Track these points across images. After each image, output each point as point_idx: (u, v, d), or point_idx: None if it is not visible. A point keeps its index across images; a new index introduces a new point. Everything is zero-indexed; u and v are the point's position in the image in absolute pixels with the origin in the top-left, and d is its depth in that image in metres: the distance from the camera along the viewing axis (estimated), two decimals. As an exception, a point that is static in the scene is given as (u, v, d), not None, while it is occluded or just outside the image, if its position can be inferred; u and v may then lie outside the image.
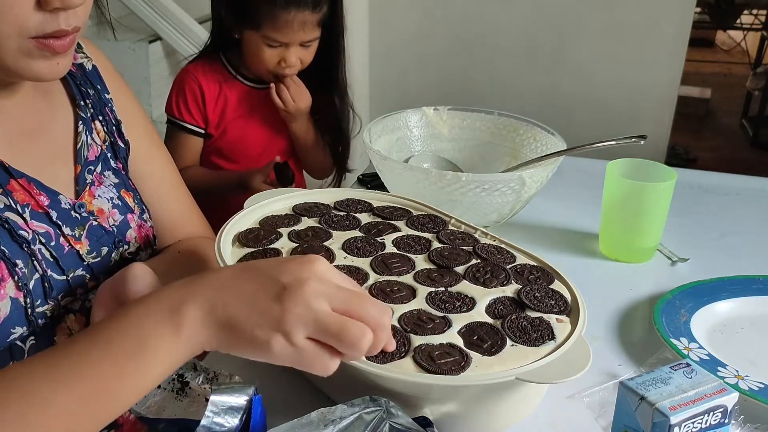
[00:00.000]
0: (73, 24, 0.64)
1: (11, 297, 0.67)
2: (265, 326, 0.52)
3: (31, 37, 0.62)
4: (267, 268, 0.55)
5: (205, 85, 1.38)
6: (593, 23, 2.41)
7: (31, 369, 0.52)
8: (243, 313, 0.52)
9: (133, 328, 0.52)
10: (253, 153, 1.44)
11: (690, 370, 0.57)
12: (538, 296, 0.70)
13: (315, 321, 0.52)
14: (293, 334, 0.51)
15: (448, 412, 0.62)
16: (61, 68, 0.66)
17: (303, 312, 0.51)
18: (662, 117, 2.46)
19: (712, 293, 0.87)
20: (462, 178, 0.94)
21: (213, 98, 1.39)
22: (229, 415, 0.57)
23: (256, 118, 1.42)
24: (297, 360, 0.52)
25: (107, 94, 0.84)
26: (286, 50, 1.31)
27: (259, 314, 0.52)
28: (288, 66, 1.32)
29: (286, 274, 0.53)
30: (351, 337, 0.52)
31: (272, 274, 0.54)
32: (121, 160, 0.84)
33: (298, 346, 0.52)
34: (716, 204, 1.18)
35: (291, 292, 0.52)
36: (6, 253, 0.66)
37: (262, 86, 1.41)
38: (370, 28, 2.37)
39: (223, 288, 0.54)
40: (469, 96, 2.54)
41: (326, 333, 0.52)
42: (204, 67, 1.40)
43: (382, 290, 0.71)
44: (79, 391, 0.50)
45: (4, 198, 0.68)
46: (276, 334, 0.51)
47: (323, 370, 0.53)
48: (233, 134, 1.42)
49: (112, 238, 0.78)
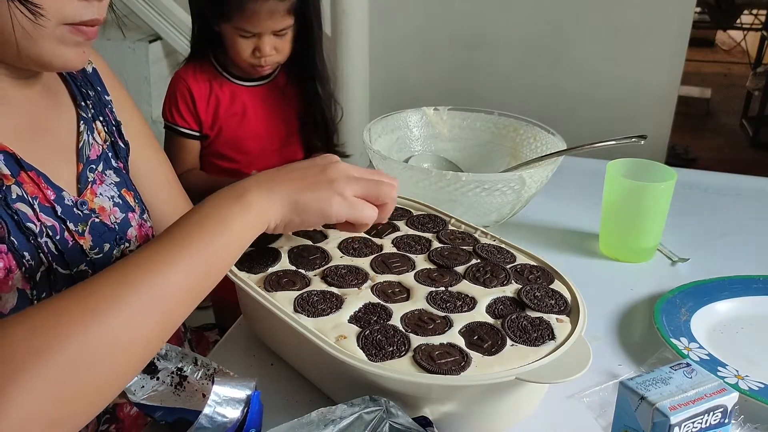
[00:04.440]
0: (102, 14, 0.69)
1: (18, 288, 0.67)
2: (323, 190, 0.67)
3: (66, 24, 0.66)
4: (300, 163, 0.71)
5: (195, 88, 1.39)
6: (593, 23, 2.41)
7: (147, 258, 0.57)
8: (300, 187, 0.67)
9: (214, 212, 0.62)
10: (251, 151, 1.45)
11: (690, 370, 0.57)
12: (538, 296, 0.70)
13: (357, 182, 0.69)
14: (345, 192, 0.68)
15: (448, 412, 0.62)
16: (86, 57, 0.71)
17: (346, 177, 0.69)
18: (662, 117, 2.47)
19: (712, 293, 0.87)
20: (462, 178, 0.94)
21: (204, 99, 1.40)
22: (231, 407, 0.58)
23: (250, 115, 1.43)
24: (352, 211, 0.69)
25: (107, 96, 0.85)
26: (260, 40, 1.32)
27: (313, 184, 0.67)
28: (263, 56, 1.33)
29: (318, 160, 0.71)
30: (385, 191, 0.70)
31: (307, 163, 0.71)
32: (122, 160, 0.85)
33: (351, 201, 0.69)
34: (716, 204, 1.18)
35: (331, 167, 0.69)
36: (15, 244, 0.67)
37: (252, 83, 1.42)
38: (370, 28, 2.37)
39: (274, 176, 0.68)
40: (469, 96, 2.54)
41: (367, 189, 0.70)
42: (194, 69, 1.41)
43: (383, 291, 0.71)
44: (184, 268, 0.58)
45: (17, 188, 0.69)
46: (333, 194, 0.67)
47: (371, 216, 0.70)
48: (229, 133, 1.43)
49: (114, 234, 0.79)
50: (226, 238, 0.61)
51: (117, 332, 0.52)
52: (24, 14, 0.62)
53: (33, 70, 0.72)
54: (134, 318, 0.54)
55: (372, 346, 0.62)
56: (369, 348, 0.62)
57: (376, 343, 0.62)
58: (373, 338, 0.63)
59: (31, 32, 0.64)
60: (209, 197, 0.65)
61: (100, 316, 0.52)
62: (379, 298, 0.70)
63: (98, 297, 0.53)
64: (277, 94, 1.46)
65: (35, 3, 0.62)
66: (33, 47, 0.65)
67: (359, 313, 0.67)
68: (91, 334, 0.51)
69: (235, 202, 0.63)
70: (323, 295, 0.69)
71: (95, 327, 0.51)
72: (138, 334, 0.54)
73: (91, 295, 0.53)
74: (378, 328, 0.64)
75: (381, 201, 0.71)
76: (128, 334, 0.53)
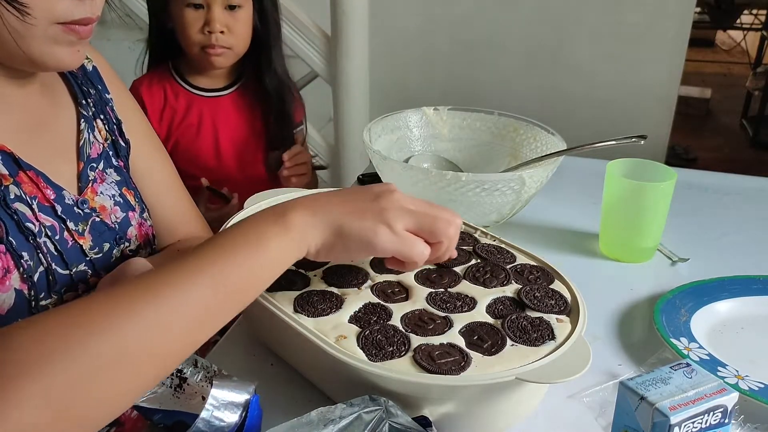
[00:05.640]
0: (96, 13, 0.68)
1: (16, 289, 0.67)
2: (370, 219, 0.61)
3: (58, 23, 0.65)
4: (353, 188, 0.66)
5: (147, 100, 1.32)
6: (593, 23, 2.41)
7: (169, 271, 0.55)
8: (346, 212, 0.61)
9: (250, 232, 0.59)
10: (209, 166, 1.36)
11: (690, 370, 0.57)
12: (538, 296, 0.70)
13: (410, 214, 0.62)
14: (395, 224, 0.61)
15: (448, 412, 0.62)
16: (80, 56, 0.70)
17: (399, 208, 0.62)
18: (662, 117, 2.46)
19: (712, 293, 0.87)
20: (462, 178, 0.94)
21: (157, 112, 1.33)
22: (229, 411, 0.58)
23: (207, 127, 1.35)
24: (399, 246, 0.62)
25: (107, 94, 0.85)
26: (209, 13, 1.24)
27: (361, 212, 0.62)
28: (212, 31, 1.24)
29: (374, 187, 0.65)
30: (440, 228, 0.63)
31: (361, 189, 0.65)
32: (123, 159, 0.85)
33: (400, 234, 0.62)
34: (716, 204, 1.18)
35: (384, 197, 0.63)
36: (13, 244, 0.67)
37: (210, 93, 1.35)
38: (370, 28, 2.37)
39: (321, 198, 0.63)
40: (470, 96, 2.54)
41: (420, 224, 0.63)
42: (150, 79, 1.34)
43: (383, 291, 0.71)
44: (210, 282, 0.55)
45: (15, 188, 0.69)
46: (381, 225, 0.61)
47: (420, 254, 0.63)
48: (184, 146, 1.35)
49: (114, 234, 0.79)
50: (259, 259, 0.58)
51: (127, 345, 0.50)
52: (12, 13, 0.62)
53: (28, 70, 0.71)
54: (146, 332, 0.51)
55: (372, 346, 0.62)
56: (369, 348, 0.62)
57: (376, 343, 0.62)
58: (373, 338, 0.63)
59: (21, 32, 0.64)
60: (251, 215, 0.62)
61: (110, 327, 0.50)
62: (379, 298, 0.70)
63: (112, 307, 0.51)
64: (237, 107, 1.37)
65: (23, 2, 0.62)
66: (25, 47, 0.65)
67: (359, 313, 0.67)
68: (99, 344, 0.48)
69: (274, 221, 0.60)
70: (323, 295, 0.69)
71: (104, 337, 0.49)
72: (150, 348, 0.51)
73: (106, 305, 0.51)
74: (378, 328, 0.64)
75: (435, 238, 0.64)
76: (139, 348, 0.50)
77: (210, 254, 0.56)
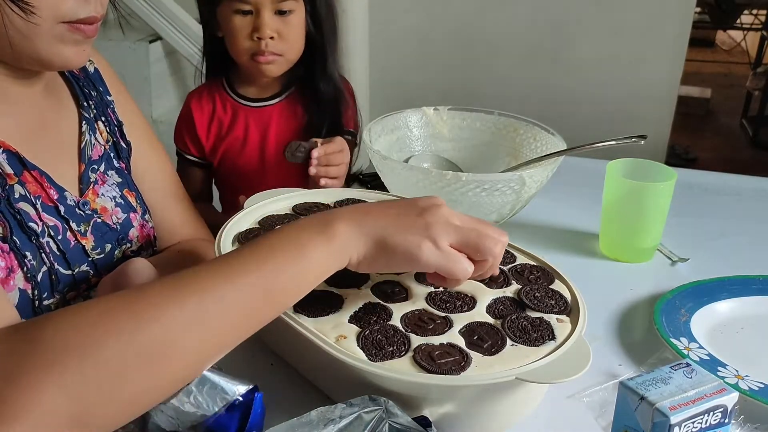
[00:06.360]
0: (101, 11, 0.68)
1: (20, 288, 0.67)
2: (415, 234, 0.60)
3: (64, 22, 0.65)
4: (400, 201, 0.65)
5: (196, 112, 1.27)
6: (593, 23, 2.41)
7: (205, 271, 0.55)
8: (391, 225, 0.61)
9: (292, 237, 0.59)
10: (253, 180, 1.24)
11: (690, 370, 0.57)
12: (538, 296, 0.70)
13: (456, 230, 0.62)
14: (440, 240, 0.60)
15: (448, 412, 0.62)
16: (86, 55, 0.70)
17: (445, 223, 0.61)
18: (662, 117, 2.47)
19: (712, 293, 0.87)
20: (462, 178, 0.94)
21: (204, 124, 1.27)
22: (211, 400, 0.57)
23: (253, 138, 1.27)
24: (444, 262, 0.61)
25: (109, 96, 0.85)
26: (258, 18, 1.16)
27: (407, 226, 0.61)
28: (262, 37, 1.16)
29: (421, 201, 0.64)
30: (487, 246, 0.62)
31: (407, 202, 0.65)
32: (124, 160, 0.85)
33: (445, 250, 0.61)
34: (716, 204, 1.18)
35: (431, 211, 0.62)
36: (17, 243, 0.67)
37: (257, 103, 1.28)
38: (370, 27, 2.37)
39: (367, 211, 0.63)
40: (470, 96, 2.54)
41: (466, 241, 0.62)
42: (202, 91, 1.28)
43: (383, 291, 0.71)
44: (248, 288, 0.55)
45: (20, 188, 0.69)
46: (425, 240, 0.60)
47: (464, 271, 0.62)
48: (231, 159, 1.28)
49: (116, 235, 0.79)
50: (300, 266, 0.58)
51: (156, 342, 0.50)
52: (16, 12, 0.62)
53: (34, 69, 0.72)
54: (176, 330, 0.51)
55: (372, 346, 0.62)
56: (369, 348, 0.62)
57: (376, 343, 0.62)
58: (373, 338, 0.63)
59: (26, 31, 0.64)
60: (291, 222, 0.62)
61: (140, 323, 0.50)
62: (379, 298, 0.70)
63: (145, 303, 0.51)
64: (285, 117, 1.28)
65: (28, 2, 0.62)
66: (31, 46, 0.65)
67: (359, 313, 0.67)
68: (129, 339, 0.49)
69: (319, 230, 0.59)
70: (323, 294, 0.69)
71: (134, 332, 0.49)
72: (179, 348, 0.51)
73: (139, 301, 0.51)
74: (378, 328, 0.64)
75: (481, 256, 0.63)
76: (168, 347, 0.50)
77: (248, 258, 0.56)
